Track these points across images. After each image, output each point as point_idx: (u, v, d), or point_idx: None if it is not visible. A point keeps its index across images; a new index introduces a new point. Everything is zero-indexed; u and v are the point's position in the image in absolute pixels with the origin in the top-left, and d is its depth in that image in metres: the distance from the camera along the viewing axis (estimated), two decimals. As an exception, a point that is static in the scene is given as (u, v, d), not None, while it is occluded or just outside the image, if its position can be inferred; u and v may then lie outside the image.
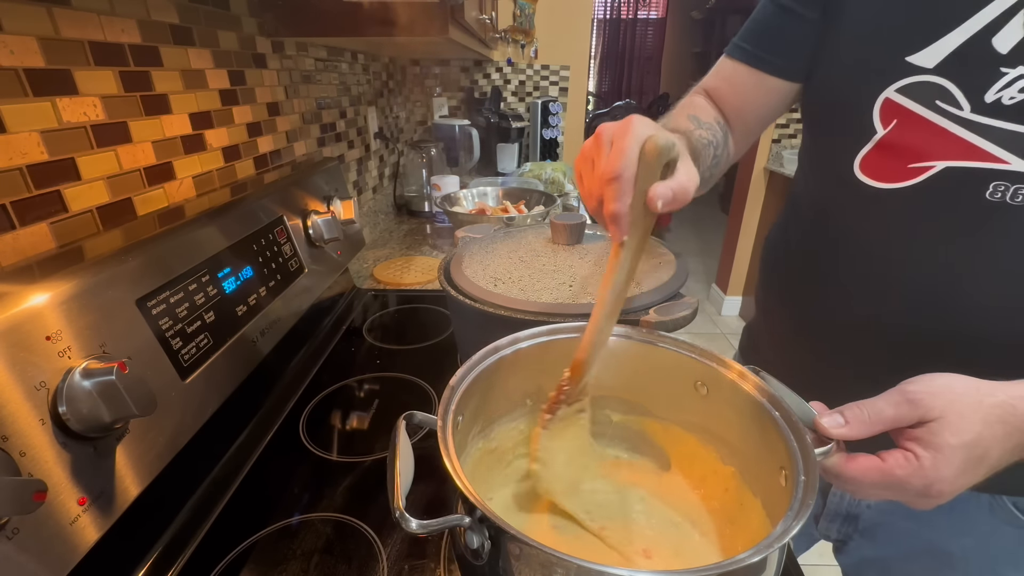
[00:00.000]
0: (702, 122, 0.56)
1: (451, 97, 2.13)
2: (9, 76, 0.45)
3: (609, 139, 0.37)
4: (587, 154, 0.39)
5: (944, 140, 0.43)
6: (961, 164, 0.42)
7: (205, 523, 0.51)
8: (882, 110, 0.46)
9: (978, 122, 0.41)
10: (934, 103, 0.43)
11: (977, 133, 0.41)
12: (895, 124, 0.45)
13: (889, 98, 0.45)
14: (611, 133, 0.37)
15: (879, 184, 0.47)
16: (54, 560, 0.35)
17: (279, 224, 0.72)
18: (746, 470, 0.41)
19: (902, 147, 0.45)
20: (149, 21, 0.61)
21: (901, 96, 0.44)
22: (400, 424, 0.36)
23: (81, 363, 0.37)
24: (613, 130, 0.37)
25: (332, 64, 1.15)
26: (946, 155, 0.43)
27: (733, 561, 0.26)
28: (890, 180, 0.46)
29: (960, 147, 0.42)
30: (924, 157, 0.44)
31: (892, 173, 0.46)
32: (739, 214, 2.74)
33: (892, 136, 0.46)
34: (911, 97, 0.44)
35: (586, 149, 0.39)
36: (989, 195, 0.42)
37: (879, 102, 0.46)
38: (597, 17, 5.31)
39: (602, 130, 0.38)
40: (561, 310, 0.50)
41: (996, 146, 0.41)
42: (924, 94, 0.43)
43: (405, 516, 0.29)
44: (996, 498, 0.52)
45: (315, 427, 0.65)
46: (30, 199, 0.47)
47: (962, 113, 0.42)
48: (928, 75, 0.43)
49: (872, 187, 0.48)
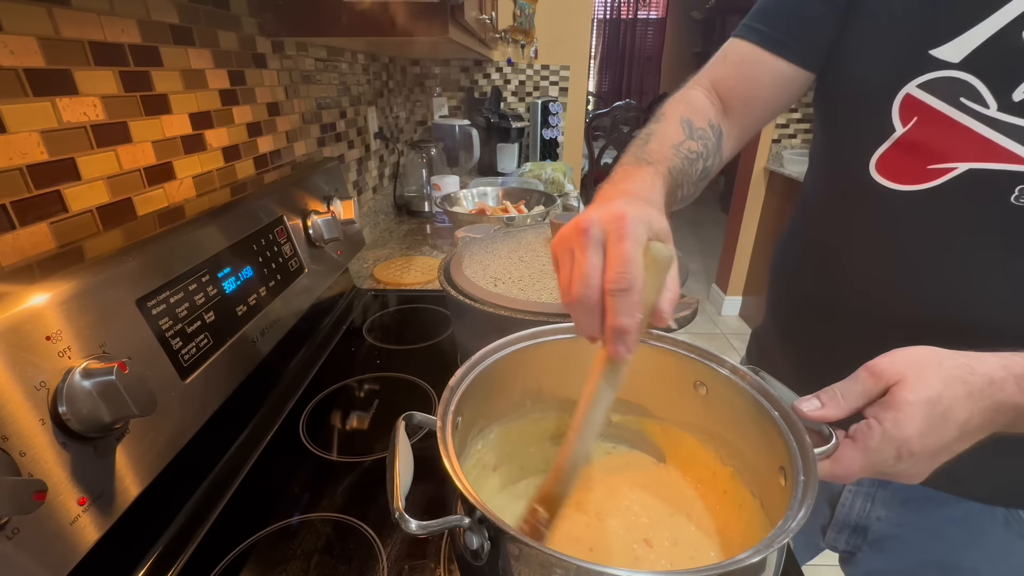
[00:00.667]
0: (694, 129, 0.52)
1: (451, 97, 2.13)
2: (9, 76, 0.45)
3: (600, 237, 0.32)
4: (566, 243, 0.34)
5: (968, 140, 0.41)
6: (986, 166, 0.40)
7: (205, 523, 0.51)
8: (902, 107, 0.43)
9: (1005, 121, 0.39)
10: (958, 100, 0.40)
11: (1004, 133, 0.39)
12: (915, 122, 0.43)
13: (910, 94, 0.42)
14: (602, 229, 0.32)
15: (896, 186, 0.45)
16: (54, 560, 0.35)
17: (279, 224, 0.72)
18: (745, 470, 0.41)
19: (922, 146, 0.43)
20: (149, 21, 0.61)
21: (923, 92, 0.42)
22: (399, 425, 0.36)
23: (81, 363, 0.37)
24: (604, 225, 0.32)
25: (332, 64, 1.16)
26: (970, 156, 0.41)
27: (733, 561, 0.26)
28: (908, 182, 0.44)
29: (985, 148, 0.40)
30: (946, 158, 0.42)
31: (910, 174, 0.44)
32: (739, 214, 2.74)
33: (912, 135, 0.43)
34: (934, 93, 0.41)
35: (567, 236, 0.34)
36: (1015, 199, 0.40)
37: (899, 98, 0.43)
38: (597, 17, 5.31)
39: (586, 222, 0.32)
40: (561, 310, 0.50)
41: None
42: (948, 90, 0.41)
43: (404, 517, 0.29)
44: (1012, 512, 0.51)
45: (315, 427, 0.65)
46: (30, 199, 0.47)
47: (988, 111, 0.40)
48: (953, 70, 0.40)
49: (888, 188, 0.45)
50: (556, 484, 0.35)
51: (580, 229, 0.33)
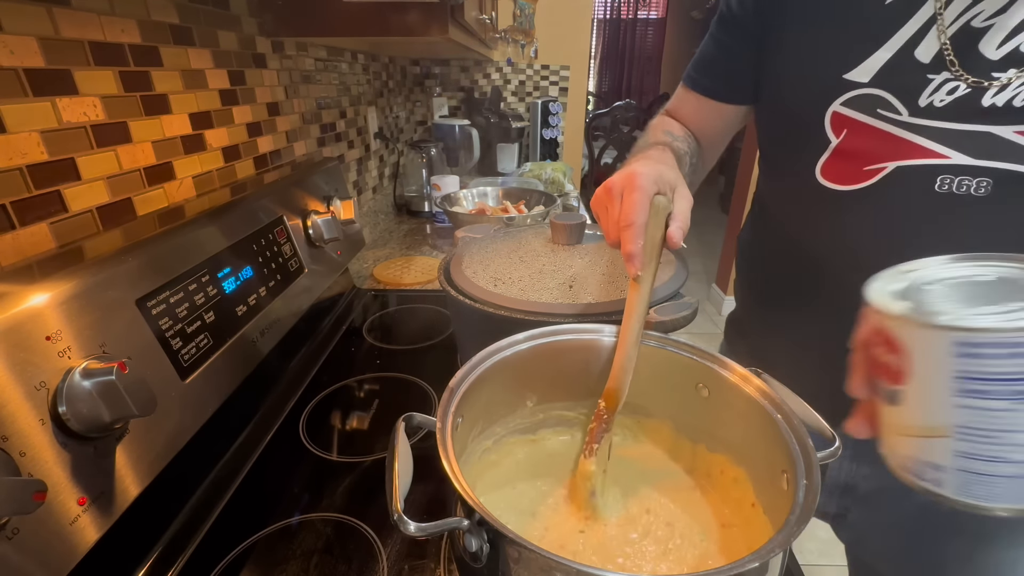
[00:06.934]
0: (675, 136, 0.63)
1: (451, 97, 2.13)
2: (9, 76, 0.45)
3: (619, 191, 0.44)
4: (600, 201, 0.47)
5: (891, 143, 0.47)
6: (909, 163, 0.47)
7: (205, 523, 0.51)
8: (832, 122, 0.50)
9: (917, 124, 0.46)
10: (876, 111, 0.47)
11: (918, 134, 0.46)
12: (846, 133, 0.50)
13: (836, 111, 0.50)
14: (620, 186, 0.44)
15: (840, 187, 0.51)
16: (54, 560, 0.35)
17: (279, 224, 0.72)
18: (747, 473, 0.41)
19: (856, 152, 0.50)
20: (149, 21, 0.61)
21: (846, 108, 0.49)
22: (399, 426, 0.36)
23: (81, 363, 0.37)
24: (622, 184, 0.44)
25: (332, 64, 1.15)
26: (895, 156, 0.47)
27: (735, 565, 0.25)
28: (849, 183, 0.51)
29: (906, 148, 0.47)
30: (877, 159, 0.48)
31: (850, 176, 0.50)
32: (739, 214, 2.74)
33: (845, 144, 0.50)
34: (855, 108, 0.49)
35: (598, 197, 0.47)
36: (937, 188, 0.46)
37: (828, 116, 0.50)
38: (597, 17, 5.31)
39: (611, 183, 0.46)
40: (561, 310, 0.50)
41: (936, 143, 0.45)
42: (866, 105, 0.48)
43: (404, 519, 0.29)
44: None
45: (315, 427, 0.65)
46: (30, 199, 0.47)
47: (902, 117, 0.46)
48: (866, 88, 0.47)
49: (834, 189, 0.52)
50: (615, 381, 0.43)
51: (606, 189, 0.46)
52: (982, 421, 0.25)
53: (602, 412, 0.43)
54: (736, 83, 0.62)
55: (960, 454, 0.26)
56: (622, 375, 0.43)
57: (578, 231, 0.60)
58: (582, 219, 0.61)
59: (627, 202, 0.43)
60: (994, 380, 0.24)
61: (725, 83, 0.63)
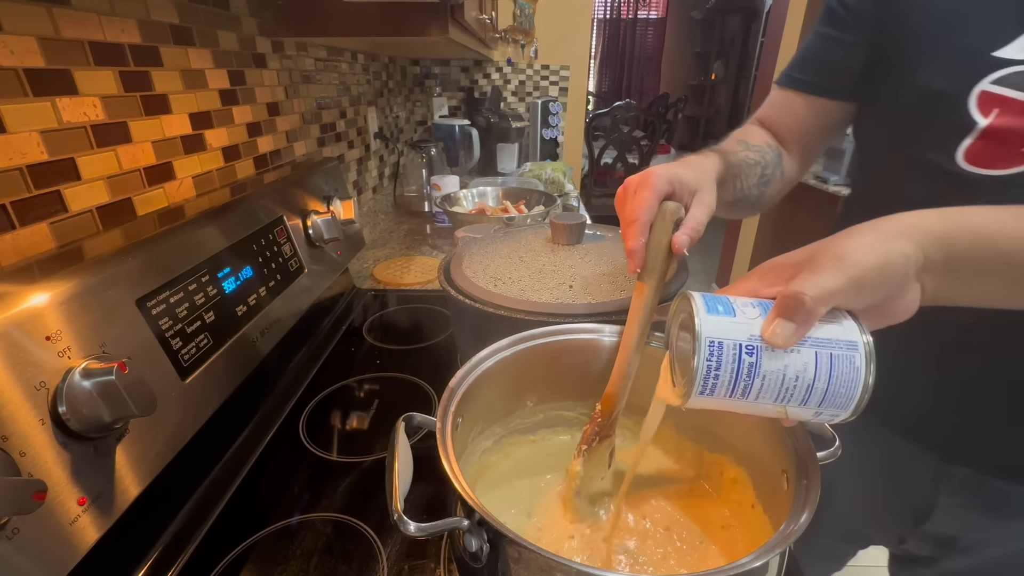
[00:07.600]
0: (750, 145, 0.60)
1: (451, 97, 2.13)
2: (9, 76, 0.45)
3: (634, 189, 0.45)
4: (619, 199, 0.47)
5: None
6: None
7: (205, 523, 0.51)
8: (980, 102, 0.47)
9: None
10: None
11: None
12: (997, 113, 0.46)
13: (985, 90, 0.46)
14: (635, 184, 0.45)
15: (989, 171, 0.48)
16: (54, 560, 0.35)
17: (279, 224, 0.72)
18: (748, 473, 0.41)
19: (1011, 132, 0.46)
20: (149, 21, 0.61)
21: (998, 87, 0.45)
22: (399, 426, 0.36)
23: (81, 363, 0.37)
24: (636, 182, 0.45)
25: (332, 64, 1.15)
26: None
27: (735, 565, 0.25)
28: (1002, 167, 0.47)
29: None
30: None
31: (1004, 159, 0.47)
32: (739, 214, 2.73)
33: (997, 124, 0.46)
34: (1009, 86, 0.45)
35: (618, 195, 0.47)
36: None
37: (974, 95, 0.47)
38: (597, 17, 5.31)
39: (628, 181, 0.46)
40: (561, 310, 0.50)
41: None
42: (1022, 82, 0.44)
43: (403, 519, 0.29)
44: None
45: (315, 427, 0.65)
46: (30, 199, 0.47)
47: None
48: (1021, 65, 0.44)
49: (981, 175, 0.48)
50: (613, 386, 0.43)
51: (624, 187, 0.46)
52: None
53: (597, 416, 0.43)
54: (841, 76, 0.58)
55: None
56: (621, 381, 0.42)
57: (578, 231, 0.60)
58: (582, 219, 0.61)
59: (634, 199, 0.43)
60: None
61: (829, 76, 0.60)
